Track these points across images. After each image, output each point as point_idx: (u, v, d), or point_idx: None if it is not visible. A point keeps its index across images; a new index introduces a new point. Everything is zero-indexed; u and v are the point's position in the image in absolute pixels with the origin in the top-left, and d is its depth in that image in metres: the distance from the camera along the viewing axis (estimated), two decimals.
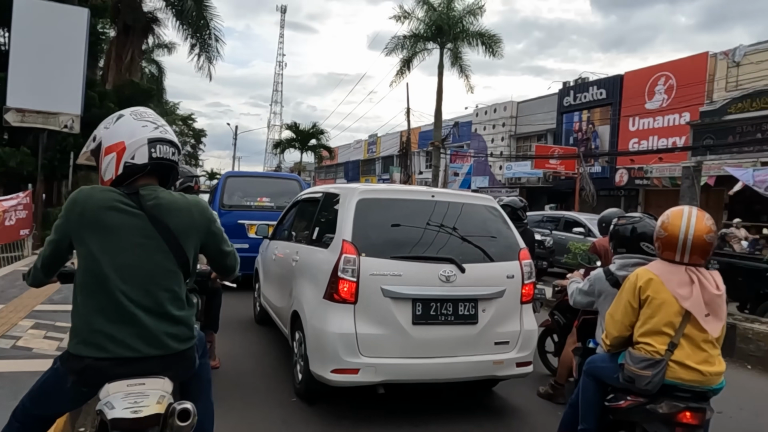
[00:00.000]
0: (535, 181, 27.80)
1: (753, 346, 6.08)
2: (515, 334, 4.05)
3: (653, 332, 2.54)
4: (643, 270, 2.66)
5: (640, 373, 2.50)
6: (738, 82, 19.53)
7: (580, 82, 26.79)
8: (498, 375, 4.06)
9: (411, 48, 25.60)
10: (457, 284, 3.83)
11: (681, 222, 2.57)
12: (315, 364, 3.82)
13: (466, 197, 4.46)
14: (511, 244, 4.25)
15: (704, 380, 2.50)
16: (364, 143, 48.92)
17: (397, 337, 3.71)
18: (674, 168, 20.47)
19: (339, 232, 3.92)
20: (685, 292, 2.51)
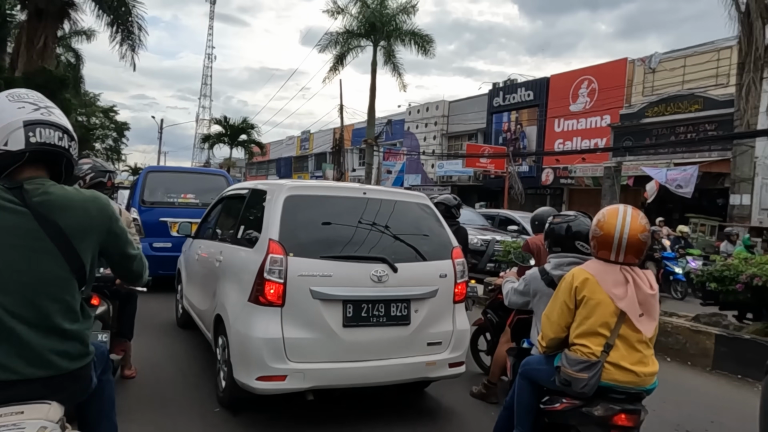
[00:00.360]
0: (465, 179, 28.33)
1: (672, 339, 6.33)
2: (448, 334, 3.96)
3: (589, 333, 2.49)
4: (578, 270, 2.61)
5: (576, 376, 2.45)
6: (654, 87, 20.68)
7: (509, 84, 27.55)
8: (431, 376, 3.95)
9: (344, 44, 25.37)
10: (389, 284, 3.69)
11: (617, 221, 2.54)
12: (239, 372, 3.58)
13: (398, 195, 4.32)
14: (444, 242, 4.15)
15: (639, 381, 2.48)
16: (297, 140, 48.22)
17: (327, 341, 3.53)
18: (596, 168, 21.42)
19: (265, 230, 3.68)
20: (620, 292, 2.48)
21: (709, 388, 5.33)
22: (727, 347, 5.88)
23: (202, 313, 4.83)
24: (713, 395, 5.11)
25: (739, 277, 6.03)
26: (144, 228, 7.93)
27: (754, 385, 5.23)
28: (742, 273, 6.00)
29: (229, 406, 3.89)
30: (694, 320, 6.58)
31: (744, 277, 5.95)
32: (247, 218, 4.32)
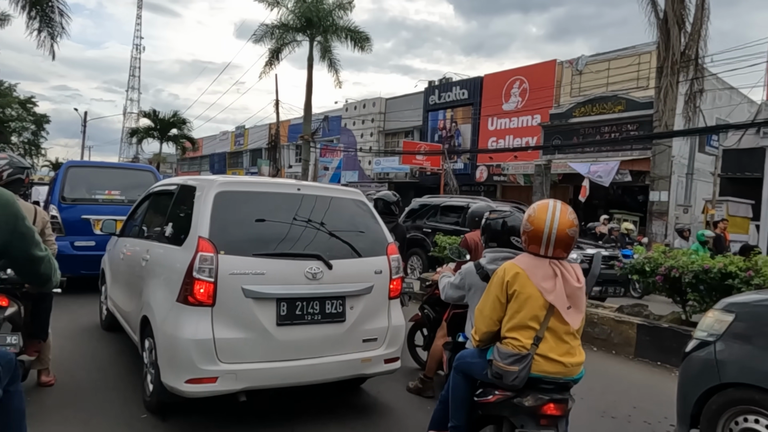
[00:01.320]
0: (402, 176, 28.51)
1: (598, 329, 6.62)
2: (383, 330, 3.96)
3: (520, 327, 2.54)
4: (509, 264, 2.65)
5: (507, 369, 2.50)
6: (581, 88, 21.54)
7: (444, 82, 27.91)
8: (366, 373, 3.94)
9: (280, 38, 24.86)
10: (324, 281, 3.65)
11: (546, 216, 2.58)
12: (167, 375, 3.42)
13: (333, 191, 4.29)
14: (379, 238, 4.13)
15: (566, 371, 2.55)
16: (231, 135, 46.96)
17: (260, 340, 3.45)
18: (527, 166, 22.12)
19: (195, 228, 3.53)
20: (549, 286, 2.53)
21: (632, 375, 5.60)
22: (648, 336, 6.20)
23: (128, 314, 4.59)
24: (636, 382, 5.36)
25: (658, 269, 6.33)
26: (65, 226, 7.50)
27: (672, 371, 5.52)
28: (662, 265, 6.30)
29: (156, 411, 3.72)
30: (618, 311, 6.89)
31: (663, 269, 6.26)
32: (176, 215, 4.13)
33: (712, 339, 3.41)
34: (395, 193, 6.33)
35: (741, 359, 3.22)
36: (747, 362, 3.19)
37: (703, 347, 3.47)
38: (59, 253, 6.46)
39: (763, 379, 3.09)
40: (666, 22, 13.43)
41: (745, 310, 3.34)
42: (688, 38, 13.60)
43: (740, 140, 17.64)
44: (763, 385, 3.08)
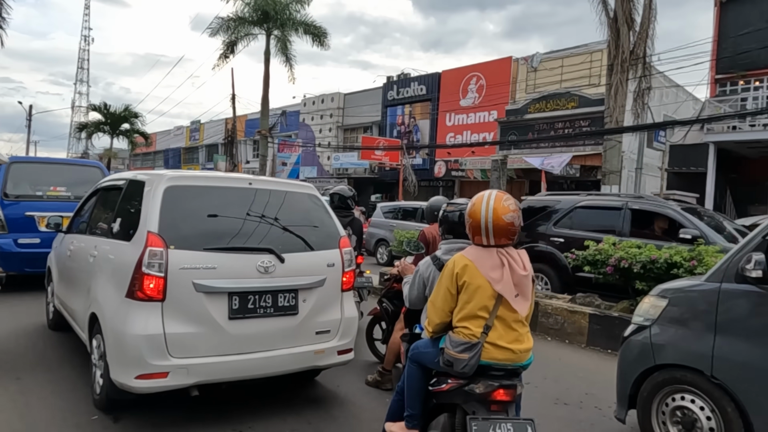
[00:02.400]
0: (361, 171, 28.57)
1: (551, 319, 6.81)
2: (336, 322, 4.03)
3: (470, 316, 2.59)
4: (458, 256, 2.70)
5: (458, 357, 2.55)
6: (536, 85, 22.05)
7: (402, 78, 28.06)
8: (320, 365, 3.99)
9: (236, 31, 24.49)
10: (276, 275, 3.70)
11: (481, 207, 2.63)
12: (116, 371, 3.41)
13: (285, 185, 4.29)
14: (332, 232, 4.19)
15: (515, 358, 2.61)
16: (186, 130, 45.98)
17: (212, 334, 3.46)
18: (485, 161, 22.50)
19: (143, 223, 3.52)
20: (496, 276, 2.58)
21: (584, 363, 5.79)
22: (599, 325, 6.43)
23: (76, 312, 4.51)
24: (588, 369, 5.56)
25: (608, 260, 6.53)
26: (7, 223, 7.28)
27: None
28: (611, 257, 6.51)
29: (105, 409, 3.69)
30: (571, 301, 7.08)
31: (613, 260, 6.46)
32: (125, 210, 4.08)
33: (648, 323, 3.62)
34: (351, 188, 6.41)
35: (673, 342, 3.43)
36: (679, 344, 3.40)
37: (639, 331, 3.68)
38: (1, 250, 6.24)
39: (692, 360, 3.30)
40: (616, 21, 13.85)
41: (677, 295, 3.55)
42: (636, 37, 14.10)
43: (686, 136, 18.42)
44: (693, 365, 3.29)
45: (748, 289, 3.08)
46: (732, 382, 3.11)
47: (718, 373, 3.17)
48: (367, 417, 3.95)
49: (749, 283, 3.06)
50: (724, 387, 3.14)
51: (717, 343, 3.19)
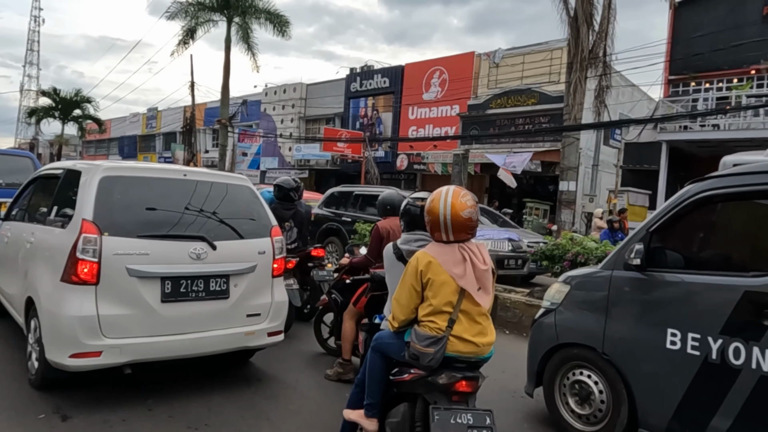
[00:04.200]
0: (323, 163, 28.76)
1: (510, 313, 6.99)
2: (267, 306, 4.35)
3: (435, 312, 2.71)
4: (422, 253, 2.79)
5: (424, 351, 2.67)
6: (497, 80, 22.61)
7: (366, 70, 28.33)
8: (250, 345, 4.31)
9: (195, 17, 24.33)
10: (208, 261, 3.99)
11: (439, 204, 2.74)
12: (51, 351, 3.66)
13: (219, 177, 4.59)
14: (263, 221, 4.51)
15: (478, 351, 2.75)
16: (143, 117, 45.25)
17: (145, 316, 3.74)
18: (446, 155, 22.98)
19: (79, 210, 3.78)
20: (459, 271, 2.70)
21: None
22: None
23: (13, 297, 4.70)
24: None
25: (566, 255, 6.86)
26: None
27: None
28: (569, 251, 6.84)
29: (40, 387, 3.90)
30: (529, 295, 7.22)
31: (570, 254, 6.79)
32: (61, 199, 4.31)
33: (554, 307, 4.05)
34: (296, 179, 6.67)
35: (574, 323, 3.87)
36: (578, 325, 3.84)
37: (547, 314, 4.10)
38: None
39: (588, 339, 3.74)
40: (576, 20, 14.38)
41: (578, 281, 3.99)
42: (596, 36, 14.67)
43: (640, 134, 19.25)
44: (588, 343, 3.73)
45: (632, 275, 3.52)
46: (618, 357, 3.55)
47: (607, 349, 3.60)
48: (326, 410, 4.07)
49: (633, 270, 3.49)
50: (612, 362, 3.58)
51: (607, 323, 3.62)
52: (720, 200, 3.31)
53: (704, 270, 3.30)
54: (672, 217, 3.43)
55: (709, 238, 3.53)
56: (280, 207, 6.20)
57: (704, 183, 3.35)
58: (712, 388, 3.07)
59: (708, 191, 3.30)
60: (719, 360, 3.04)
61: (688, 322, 3.20)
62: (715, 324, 3.07)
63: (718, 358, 3.04)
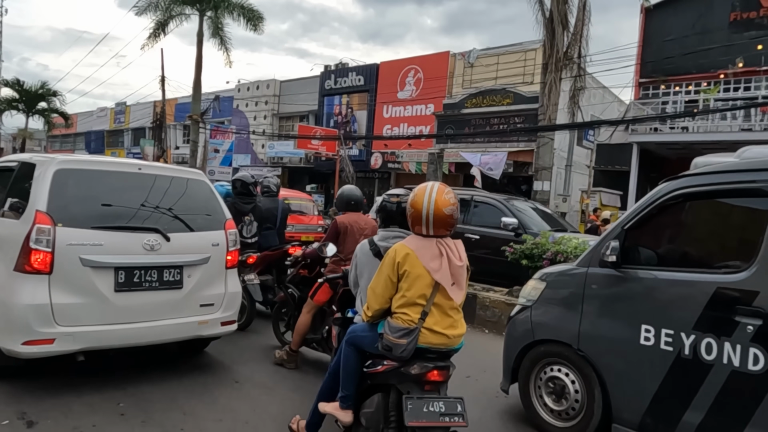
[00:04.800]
0: (297, 161, 28.59)
1: (489, 312, 6.97)
2: (220, 296, 4.52)
3: (409, 303, 2.77)
4: (400, 245, 2.85)
5: (396, 342, 2.74)
6: (472, 80, 22.77)
7: (340, 67, 28.23)
8: (203, 334, 4.45)
9: (167, 10, 23.91)
10: (162, 252, 4.14)
11: (424, 198, 2.79)
12: (4, 339, 3.78)
13: (175, 171, 4.76)
14: (218, 214, 4.67)
15: (449, 342, 2.82)
16: (111, 112, 44.30)
17: (98, 305, 3.84)
18: (421, 154, 23.07)
19: (33, 202, 3.85)
20: (435, 265, 2.76)
21: None
22: None
23: None
24: None
25: (545, 254, 6.82)
26: None
27: None
28: (548, 250, 6.81)
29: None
30: (508, 294, 7.17)
31: (549, 254, 6.76)
32: (16, 190, 4.33)
33: (530, 304, 4.07)
34: (253, 176, 6.83)
35: (549, 319, 3.88)
36: (553, 322, 3.85)
37: (523, 311, 4.12)
38: None
39: (563, 335, 3.75)
40: (552, 21, 14.54)
41: (554, 278, 4.00)
42: (570, 38, 14.86)
43: (611, 136, 19.61)
44: (564, 340, 3.74)
45: (607, 272, 3.54)
46: (593, 353, 3.57)
47: (582, 346, 3.62)
48: (278, 396, 4.25)
49: (608, 267, 3.54)
50: (587, 358, 3.59)
51: (583, 320, 3.64)
52: (692, 198, 3.36)
53: (677, 267, 3.34)
54: (646, 215, 3.47)
55: (682, 235, 3.57)
56: (239, 201, 6.34)
57: (677, 182, 3.40)
58: (685, 383, 3.11)
59: (680, 190, 3.35)
60: (692, 355, 3.07)
61: (662, 318, 3.23)
62: (687, 320, 3.11)
63: (690, 354, 3.08)
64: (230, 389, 4.36)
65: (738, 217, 3.30)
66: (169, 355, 4.91)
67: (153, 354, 4.68)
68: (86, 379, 4.15)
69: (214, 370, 4.77)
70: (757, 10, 17.07)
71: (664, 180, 3.52)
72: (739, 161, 3.30)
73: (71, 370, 4.16)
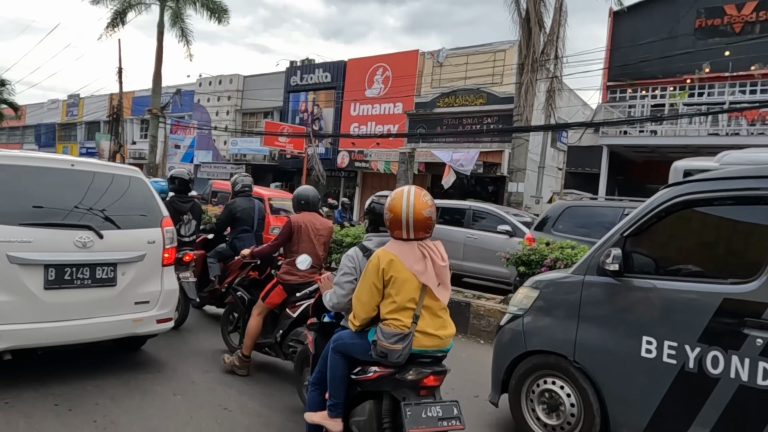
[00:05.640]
0: (261, 158, 28.07)
1: (484, 321, 6.81)
2: (156, 293, 4.53)
3: (400, 309, 2.77)
4: (382, 252, 2.83)
5: (392, 348, 2.73)
6: (441, 80, 22.73)
7: (307, 64, 27.84)
8: (138, 332, 4.45)
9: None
10: (94, 249, 4.12)
11: (402, 202, 2.81)
12: None
13: (109, 167, 4.75)
14: (154, 212, 4.68)
15: (441, 344, 2.84)
16: (63, 104, 42.63)
17: (26, 303, 3.81)
18: (390, 153, 22.92)
19: None
20: (420, 268, 2.78)
21: None
22: None
23: None
24: None
25: (544, 260, 6.67)
26: None
27: None
28: (547, 257, 6.67)
29: None
30: (503, 302, 7.08)
31: (549, 260, 6.61)
32: None
33: (521, 313, 3.94)
34: (189, 171, 6.88)
35: (542, 329, 3.76)
36: (547, 332, 3.73)
37: (514, 320, 3.99)
38: None
39: (557, 346, 3.64)
40: (529, 21, 14.51)
41: (547, 287, 3.88)
42: (546, 38, 14.87)
43: (581, 138, 19.83)
44: (558, 351, 3.63)
45: (607, 281, 3.44)
46: (590, 365, 3.46)
47: (579, 357, 3.51)
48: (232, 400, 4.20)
49: (608, 275, 3.42)
50: (584, 370, 3.49)
51: (579, 330, 3.53)
52: (696, 205, 3.28)
53: (681, 276, 3.26)
54: (647, 221, 3.37)
55: (686, 243, 3.48)
56: (177, 200, 6.31)
57: (680, 188, 3.32)
58: (689, 397, 3.03)
59: (684, 196, 3.26)
60: (696, 369, 3.00)
61: (665, 330, 3.15)
62: (692, 332, 3.02)
63: (695, 367, 3.00)
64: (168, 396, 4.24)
65: (746, 225, 3.22)
66: (108, 353, 4.92)
67: (91, 352, 4.76)
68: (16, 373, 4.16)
69: (164, 372, 4.71)
70: (722, 18, 17.53)
71: (666, 186, 3.44)
72: (747, 167, 3.24)
73: None
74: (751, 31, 17.11)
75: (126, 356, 4.93)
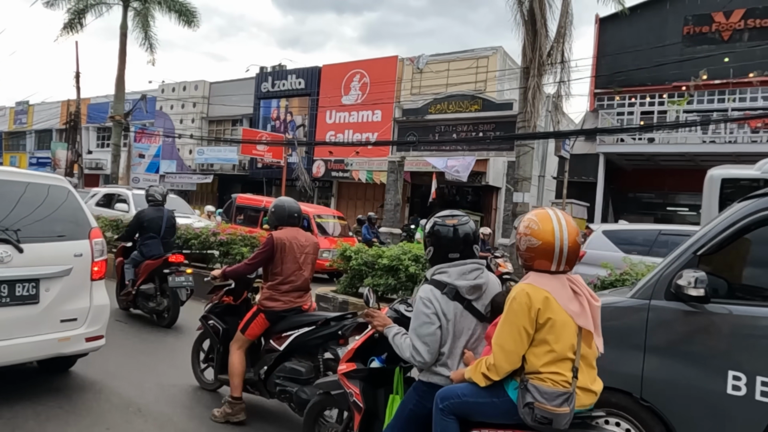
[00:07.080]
0: (229, 168, 27.44)
1: None
2: (84, 310, 4.35)
3: (559, 359, 2.34)
4: (532, 288, 2.39)
5: (558, 411, 2.28)
6: (421, 86, 22.55)
7: (278, 69, 27.38)
8: (65, 352, 4.26)
9: None
10: (13, 265, 3.92)
11: (553, 228, 2.41)
12: None
13: (29, 176, 4.52)
14: (81, 223, 4.50)
15: (593, 401, 2.46)
16: (10, 111, 41.21)
17: None
18: (372, 162, 22.54)
19: None
20: (575, 308, 2.38)
21: None
22: None
23: None
24: None
25: None
26: None
27: None
28: None
29: None
30: None
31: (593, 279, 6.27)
32: None
33: None
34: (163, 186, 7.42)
35: (600, 362, 3.43)
36: (605, 366, 3.38)
37: None
38: None
39: (620, 382, 3.28)
40: (534, 23, 14.18)
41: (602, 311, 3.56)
42: (553, 40, 14.56)
43: (572, 146, 19.70)
44: (621, 387, 3.28)
45: (678, 306, 3.12)
46: (662, 404, 3.14)
47: (647, 395, 3.19)
48: None
49: (682, 300, 3.10)
50: (654, 409, 3.16)
51: (646, 364, 3.21)
52: None
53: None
54: (725, 238, 3.08)
55: None
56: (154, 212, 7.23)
57: (765, 200, 3.04)
58: None
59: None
60: None
61: (756, 364, 2.85)
62: None
63: None
64: None
65: None
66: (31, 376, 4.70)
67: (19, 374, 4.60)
68: None
69: None
70: (710, 25, 17.79)
71: (743, 198, 3.15)
72: None
73: None
74: (740, 39, 17.41)
75: (50, 379, 4.69)
